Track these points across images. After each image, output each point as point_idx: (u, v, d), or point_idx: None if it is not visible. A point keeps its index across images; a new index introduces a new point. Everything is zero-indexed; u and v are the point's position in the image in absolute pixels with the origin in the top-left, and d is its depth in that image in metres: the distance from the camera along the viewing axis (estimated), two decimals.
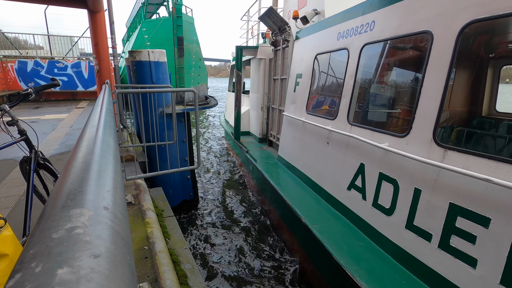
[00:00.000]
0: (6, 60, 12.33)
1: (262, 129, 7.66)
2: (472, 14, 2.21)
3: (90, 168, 0.50)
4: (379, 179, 3.08)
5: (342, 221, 3.59)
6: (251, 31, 10.36)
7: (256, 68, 7.84)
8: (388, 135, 3.01)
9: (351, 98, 3.69)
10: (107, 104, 1.42)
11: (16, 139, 2.22)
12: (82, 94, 13.73)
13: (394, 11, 3.05)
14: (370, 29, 3.38)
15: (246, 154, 6.58)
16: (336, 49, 4.13)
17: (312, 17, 5.05)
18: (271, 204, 5.50)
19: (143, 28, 17.32)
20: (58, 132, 6.69)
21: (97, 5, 6.57)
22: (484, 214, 2.05)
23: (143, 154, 5.20)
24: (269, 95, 7.24)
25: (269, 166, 5.73)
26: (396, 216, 2.83)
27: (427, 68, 2.58)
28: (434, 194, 2.44)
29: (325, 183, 4.18)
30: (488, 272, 2.02)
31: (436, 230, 2.40)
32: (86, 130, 0.82)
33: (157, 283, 2.10)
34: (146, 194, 3.57)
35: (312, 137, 4.59)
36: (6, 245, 1.36)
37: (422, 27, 2.67)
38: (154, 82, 5.15)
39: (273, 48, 6.65)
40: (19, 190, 3.53)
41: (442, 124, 2.88)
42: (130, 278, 0.30)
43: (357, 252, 3.00)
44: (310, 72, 4.83)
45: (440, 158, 2.38)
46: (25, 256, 0.27)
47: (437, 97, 2.47)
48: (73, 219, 0.33)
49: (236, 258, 4.62)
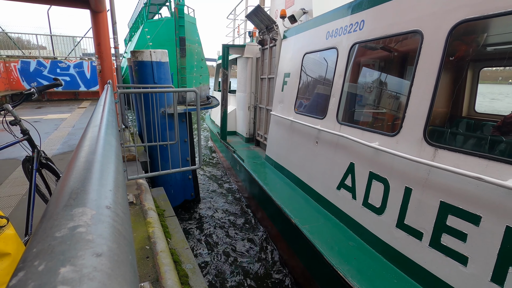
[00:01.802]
0: (9, 60, 12.39)
1: (249, 128, 7.59)
2: (462, 14, 2.22)
3: (92, 167, 0.50)
4: (369, 178, 3.08)
5: (332, 221, 3.57)
6: (238, 29, 10.32)
7: (243, 67, 7.75)
8: (378, 134, 3.00)
9: (340, 97, 3.68)
10: (109, 104, 1.42)
11: (19, 138, 2.23)
12: (84, 94, 13.79)
13: (383, 10, 3.04)
14: (360, 28, 3.37)
15: (233, 154, 6.50)
16: (325, 48, 4.11)
17: (300, 16, 5.02)
18: (260, 204, 5.41)
19: (145, 28, 17.37)
20: (60, 131, 6.72)
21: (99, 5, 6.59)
22: (474, 212, 2.07)
23: (144, 154, 5.21)
24: (256, 94, 7.14)
25: (257, 166, 5.68)
26: (387, 215, 2.82)
27: (417, 68, 2.58)
28: (425, 193, 2.44)
29: (315, 183, 4.15)
30: (479, 269, 2.03)
31: (427, 229, 2.41)
32: (89, 129, 0.82)
33: (158, 283, 2.11)
34: (148, 194, 3.58)
35: (301, 136, 4.55)
36: (9, 244, 1.37)
37: (412, 26, 2.67)
38: (156, 82, 5.16)
39: (261, 47, 6.56)
40: (21, 190, 3.55)
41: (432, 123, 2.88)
42: (132, 277, 0.30)
43: (348, 252, 2.99)
44: (299, 72, 4.79)
45: (430, 157, 2.39)
46: (28, 254, 0.27)
47: (427, 96, 2.47)
48: (75, 218, 0.33)
49: (237, 259, 4.62)
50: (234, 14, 9.80)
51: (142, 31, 17.54)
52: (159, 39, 16.52)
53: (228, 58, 7.21)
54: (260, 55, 6.75)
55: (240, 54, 7.38)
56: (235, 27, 10.18)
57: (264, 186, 4.68)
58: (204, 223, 5.70)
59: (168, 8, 19.97)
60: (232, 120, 8.49)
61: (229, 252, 4.77)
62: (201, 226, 5.59)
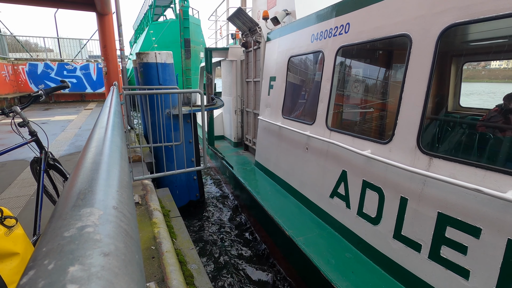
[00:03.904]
0: (17, 62, 12.60)
1: (237, 133, 7.40)
2: (451, 18, 2.15)
3: (99, 168, 0.51)
4: (363, 187, 2.97)
5: (327, 231, 3.46)
6: (220, 31, 10.13)
7: (227, 70, 7.58)
8: (370, 142, 2.90)
9: (329, 102, 3.56)
10: (115, 106, 1.44)
11: (27, 140, 2.26)
12: (91, 96, 13.96)
13: (368, 13, 2.95)
14: (345, 31, 3.28)
15: (222, 161, 6.27)
16: (310, 52, 3.99)
17: (283, 18, 4.88)
18: (252, 213, 5.18)
19: (151, 30, 17.53)
20: (67, 133, 6.80)
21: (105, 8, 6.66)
22: (474, 224, 1.98)
23: (150, 154, 5.25)
24: (243, 98, 6.98)
25: (247, 173, 5.49)
26: (383, 226, 2.72)
27: (407, 73, 2.48)
28: (421, 203, 2.35)
29: (306, 190, 4.01)
30: (481, 283, 1.96)
31: (426, 241, 2.32)
32: (95, 131, 0.83)
33: (163, 283, 2.12)
34: (153, 195, 3.60)
35: (290, 142, 4.41)
36: (18, 243, 1.39)
37: (399, 30, 2.58)
38: (161, 84, 5.19)
39: (244, 50, 6.40)
40: (30, 190, 3.60)
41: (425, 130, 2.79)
42: (139, 276, 0.31)
43: (345, 265, 2.89)
44: (285, 75, 4.64)
45: (425, 166, 2.29)
46: (38, 253, 0.28)
47: (419, 102, 2.37)
48: (83, 218, 0.34)
49: (241, 261, 4.62)
50: (215, 15, 9.56)
51: (147, 33, 17.69)
52: (164, 41, 16.65)
53: (212, 61, 7.05)
54: (244, 58, 6.61)
55: (224, 57, 7.19)
56: (217, 29, 10.01)
57: (255, 196, 4.53)
58: (209, 223, 5.71)
59: (173, 10, 20.14)
60: (219, 124, 8.35)
61: (234, 254, 4.77)
62: (206, 226, 5.60)
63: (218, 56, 7.36)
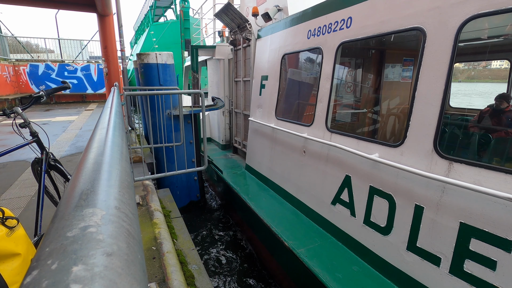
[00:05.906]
0: (18, 63, 12.64)
1: (225, 135, 7.08)
2: (473, 9, 1.94)
3: (101, 168, 0.51)
4: (370, 193, 2.74)
5: (330, 241, 3.22)
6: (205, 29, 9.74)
7: (214, 70, 7.23)
8: (377, 144, 2.66)
9: (329, 102, 3.33)
10: (116, 106, 1.44)
11: (28, 140, 2.27)
12: (92, 97, 13.99)
13: (373, 6, 2.72)
14: (347, 26, 3.04)
15: (210, 164, 5.89)
16: (307, 49, 3.75)
17: (275, 14, 4.65)
18: (245, 221, 4.86)
19: (151, 31, 17.56)
20: (68, 134, 6.81)
21: (106, 9, 6.68)
22: (505, 237, 1.78)
23: (150, 155, 5.25)
24: (231, 98, 6.63)
25: (238, 178, 5.18)
26: (395, 236, 2.50)
27: (421, 70, 2.28)
28: (440, 212, 2.13)
29: (304, 196, 3.75)
30: None
31: (446, 253, 2.11)
32: (97, 131, 0.83)
33: (164, 283, 2.12)
34: (154, 195, 3.61)
35: (285, 145, 4.14)
36: (19, 244, 1.39)
37: (411, 23, 2.37)
38: (162, 84, 5.20)
39: (233, 48, 6.09)
40: (31, 191, 3.60)
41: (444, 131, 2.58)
42: (142, 277, 0.31)
43: (354, 280, 2.65)
44: (278, 74, 4.38)
45: (444, 172, 2.08)
46: (41, 253, 0.28)
47: (435, 102, 2.17)
48: (86, 218, 0.34)
49: (241, 262, 4.62)
50: (200, 12, 9.16)
51: (148, 33, 17.73)
52: (164, 42, 16.69)
53: (198, 60, 6.71)
54: (232, 56, 6.30)
55: (210, 55, 6.85)
56: (202, 27, 9.64)
57: (249, 202, 4.23)
58: (210, 224, 5.71)
59: (173, 11, 20.17)
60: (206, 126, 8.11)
61: (235, 255, 4.77)
62: (207, 227, 5.61)
63: (205, 55, 6.99)
